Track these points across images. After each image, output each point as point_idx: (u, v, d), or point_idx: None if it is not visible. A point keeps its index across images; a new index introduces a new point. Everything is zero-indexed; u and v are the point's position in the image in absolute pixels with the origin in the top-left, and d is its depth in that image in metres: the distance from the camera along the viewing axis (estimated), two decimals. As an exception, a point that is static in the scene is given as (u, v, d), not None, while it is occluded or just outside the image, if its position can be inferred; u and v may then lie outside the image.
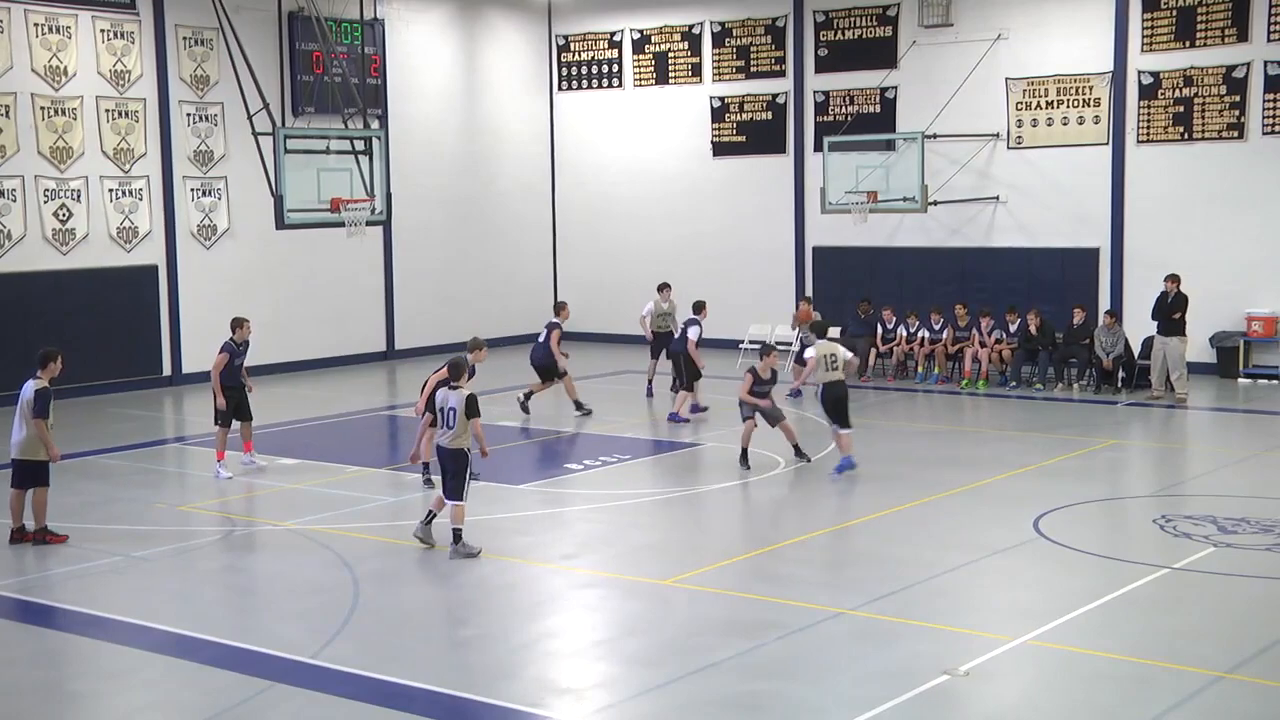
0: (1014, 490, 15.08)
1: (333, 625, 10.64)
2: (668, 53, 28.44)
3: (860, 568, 12.16)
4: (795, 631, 10.33)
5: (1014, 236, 24.66)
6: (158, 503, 15.05)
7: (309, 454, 17.50)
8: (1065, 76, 23.93)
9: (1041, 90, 24.17)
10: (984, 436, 18.82)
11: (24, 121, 21.76)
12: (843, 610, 10.77)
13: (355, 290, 26.52)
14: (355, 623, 10.78)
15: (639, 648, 10.18)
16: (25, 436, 13.23)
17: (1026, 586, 11.65)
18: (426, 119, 27.71)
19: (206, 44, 23.91)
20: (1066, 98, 23.95)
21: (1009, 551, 12.58)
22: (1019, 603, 11.15)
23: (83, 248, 22.60)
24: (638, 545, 13.38)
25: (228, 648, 10.18)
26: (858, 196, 23.41)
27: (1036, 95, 24.23)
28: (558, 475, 16.23)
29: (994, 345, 22.65)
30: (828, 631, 10.37)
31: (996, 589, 11.63)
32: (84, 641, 10.48)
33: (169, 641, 10.41)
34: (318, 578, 12.09)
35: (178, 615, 11.08)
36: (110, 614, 11.02)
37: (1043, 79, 24.13)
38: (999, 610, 11.01)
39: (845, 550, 12.78)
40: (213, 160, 24.19)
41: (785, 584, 11.57)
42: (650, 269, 28.28)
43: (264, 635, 10.47)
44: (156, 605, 11.38)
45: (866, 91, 26.00)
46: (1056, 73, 23.99)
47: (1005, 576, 11.95)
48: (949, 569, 12.02)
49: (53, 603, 11.35)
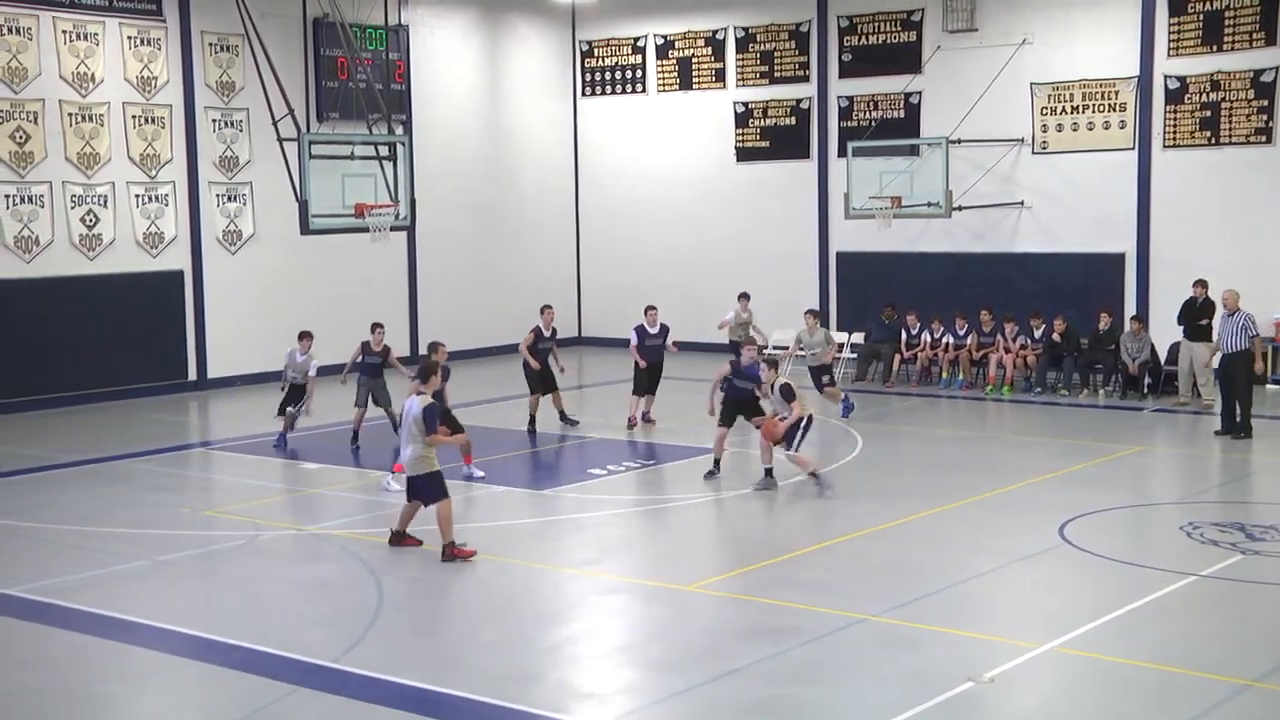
0: (1039, 496, 15.01)
1: (358, 629, 10.66)
2: (691, 58, 28.44)
3: (884, 573, 12.11)
4: (818, 637, 10.30)
5: (1039, 241, 24.56)
6: (182, 507, 15.12)
7: (333, 459, 17.55)
8: (1091, 81, 23.82)
9: (1067, 95, 24.07)
10: (1009, 442, 18.74)
11: (51, 128, 21.92)
12: (866, 616, 10.74)
13: (379, 295, 26.58)
14: (380, 627, 10.80)
15: (661, 653, 10.17)
16: (415, 454, 12.49)
17: (1052, 593, 11.58)
18: (450, 124, 27.78)
19: (232, 50, 24.03)
20: (1092, 102, 23.85)
21: (1034, 558, 12.52)
22: (1044, 609, 11.09)
23: (109, 253, 22.73)
24: (661, 550, 13.37)
25: (252, 651, 10.21)
26: (882, 202, 23.34)
27: (1062, 100, 24.13)
28: (581, 480, 16.22)
29: (1019, 351, 22.55)
30: (851, 637, 10.34)
31: (1021, 595, 11.58)
32: (108, 644, 10.52)
33: (193, 645, 10.45)
34: (341, 582, 12.12)
35: (202, 619, 11.13)
36: (135, 617, 11.07)
37: (1068, 84, 24.03)
38: (1024, 616, 10.95)
39: (868, 556, 12.74)
40: (238, 166, 24.30)
41: (808, 590, 11.53)
42: (673, 274, 28.30)
43: (289, 639, 10.48)
44: (181, 609, 11.43)
45: (891, 96, 25.94)
46: (1082, 77, 23.88)
47: (1030, 583, 11.89)
48: (973, 575, 11.97)
49: (77, 605, 11.40)
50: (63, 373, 21.91)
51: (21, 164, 21.64)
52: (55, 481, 16.52)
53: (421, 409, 12.50)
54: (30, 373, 21.61)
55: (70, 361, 21.96)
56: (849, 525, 13.97)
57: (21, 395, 21.46)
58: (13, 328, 21.42)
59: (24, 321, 21.59)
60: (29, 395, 21.60)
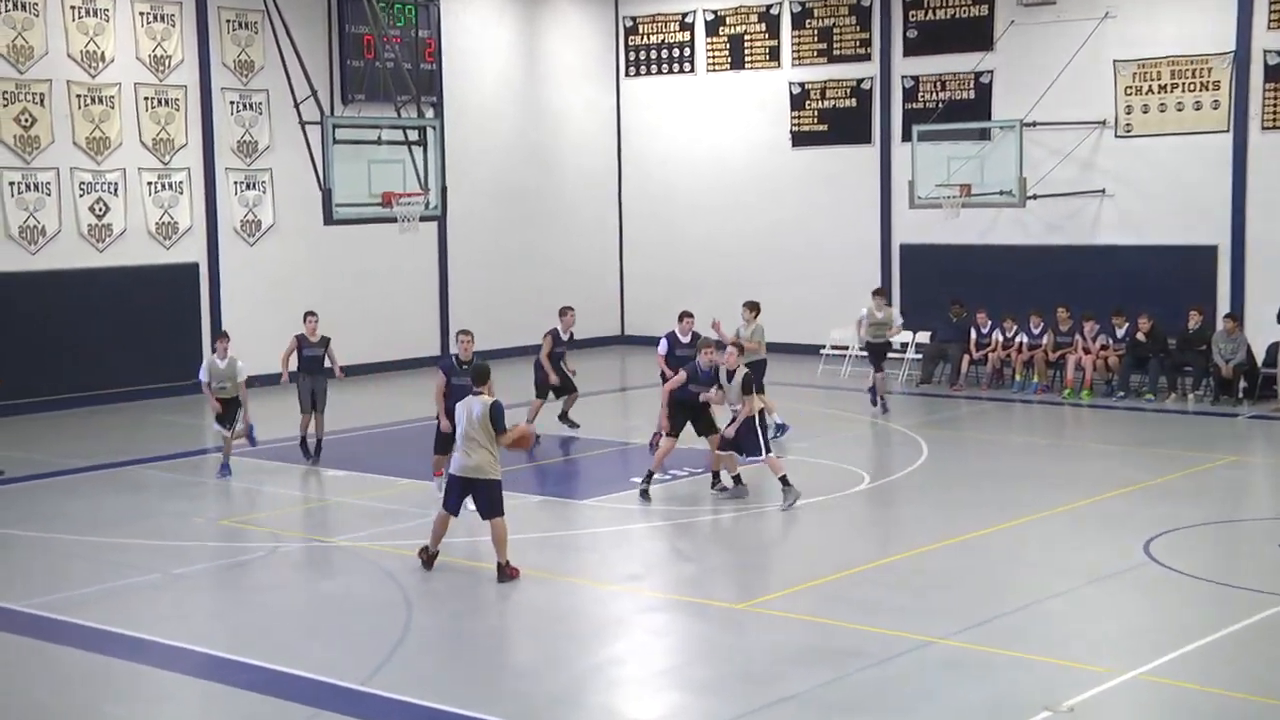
0: (1122, 510, 14.90)
1: (383, 649, 10.72)
2: (743, 35, 28.42)
3: (952, 593, 12.06)
4: (881, 661, 10.27)
5: (1122, 233, 24.38)
6: (197, 516, 15.25)
7: (358, 465, 17.65)
8: (1180, 58, 23.62)
9: (1154, 73, 23.88)
10: (1088, 451, 18.62)
11: (59, 111, 22.15)
12: (933, 639, 10.70)
13: (408, 290, 26.73)
14: (407, 647, 10.85)
15: (710, 677, 10.17)
16: (482, 459, 12.32)
17: (1135, 615, 11.50)
18: (484, 107, 27.88)
19: (251, 28, 24.23)
20: (1182, 81, 23.64)
21: (1116, 577, 12.43)
22: (1127, 633, 11.02)
23: (120, 244, 22.97)
24: (709, 566, 13.37)
25: (270, 672, 10.27)
26: (949, 190, 23.26)
27: (1148, 78, 23.94)
28: (624, 490, 16.23)
29: (1099, 352, 22.40)
30: (916, 662, 10.30)
31: (1102, 618, 11.49)
32: (119, 663, 10.62)
33: (208, 664, 10.54)
34: (367, 598, 12.19)
35: (219, 636, 11.22)
36: (147, 635, 11.16)
37: (1155, 60, 23.84)
38: (1105, 641, 10.87)
39: (936, 574, 12.69)
40: (257, 151, 24.49)
41: (870, 610, 11.51)
42: (722, 267, 28.29)
43: (309, 659, 10.55)
44: (196, 626, 11.53)
45: (960, 76, 25.82)
46: (1170, 53, 23.68)
47: (1112, 604, 11.81)
48: (1050, 595, 11.90)
49: (87, 622, 11.51)
50: (70, 372, 22.15)
51: (27, 149, 21.90)
52: (63, 488, 16.70)
53: (488, 408, 12.27)
54: (35, 372, 21.85)
55: (78, 360, 22.19)
56: (914, 540, 13.91)
57: (26, 396, 21.70)
58: (17, 324, 21.66)
59: (29, 318, 21.82)
60: (34, 396, 21.84)
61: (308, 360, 17.78)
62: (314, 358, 17.80)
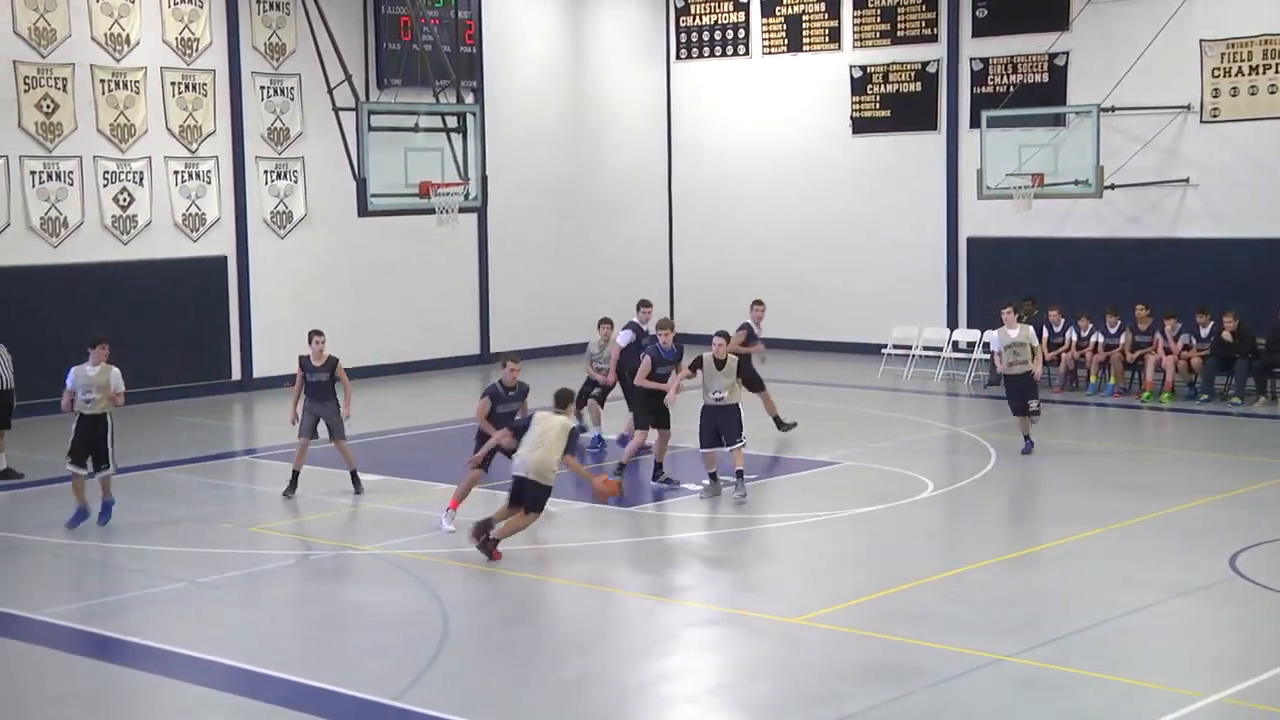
0: (1206, 521, 14.77)
1: (419, 662, 10.76)
2: (801, 15, 28.36)
3: (1023, 608, 11.99)
4: (946, 680, 10.22)
5: (1206, 225, 24.17)
6: (226, 522, 15.36)
7: (394, 470, 17.73)
8: (1273, 37, 23.39)
9: (1244, 53, 23.66)
10: (1169, 458, 18.47)
11: (82, 96, 22.38)
12: (1002, 656, 10.64)
13: (446, 285, 26.83)
14: (444, 659, 10.89)
15: (764, 694, 10.15)
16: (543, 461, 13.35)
17: (1221, 634, 11.39)
18: (527, 92, 27.95)
19: (283, 9, 24.39)
20: (1274, 62, 23.42)
21: (1200, 592, 12.32)
22: (1212, 653, 10.92)
23: (145, 236, 23.17)
24: (763, 577, 13.34)
25: (301, 686, 10.33)
26: (1021, 180, 23.15)
27: (1237, 59, 23.73)
28: (674, 497, 16.23)
29: (1181, 352, 22.22)
30: (984, 681, 10.24)
31: (1185, 636, 11.40)
32: (142, 676, 10.70)
33: (237, 678, 10.60)
34: (402, 608, 12.23)
35: (247, 648, 11.28)
36: (173, 646, 11.24)
37: (1245, 40, 23.62)
38: (1188, 661, 10.78)
39: (1005, 587, 12.62)
40: (288, 139, 24.66)
41: (934, 625, 11.45)
42: (777, 261, 28.26)
43: (342, 672, 10.60)
44: (224, 637, 11.61)
45: (1033, 58, 25.67)
46: (1263, 32, 23.47)
47: (1195, 621, 11.72)
48: (1128, 611, 11.81)
49: (112, 633, 11.62)
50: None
51: (49, 136, 22.14)
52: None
53: (566, 430, 13.54)
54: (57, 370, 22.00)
55: (102, 358, 22.37)
56: (981, 551, 13.84)
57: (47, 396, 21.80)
58: (38, 319, 21.86)
59: (51, 313, 22.05)
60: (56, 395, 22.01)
61: (312, 388, 16.20)
62: (319, 384, 16.18)
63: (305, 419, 16.22)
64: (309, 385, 16.21)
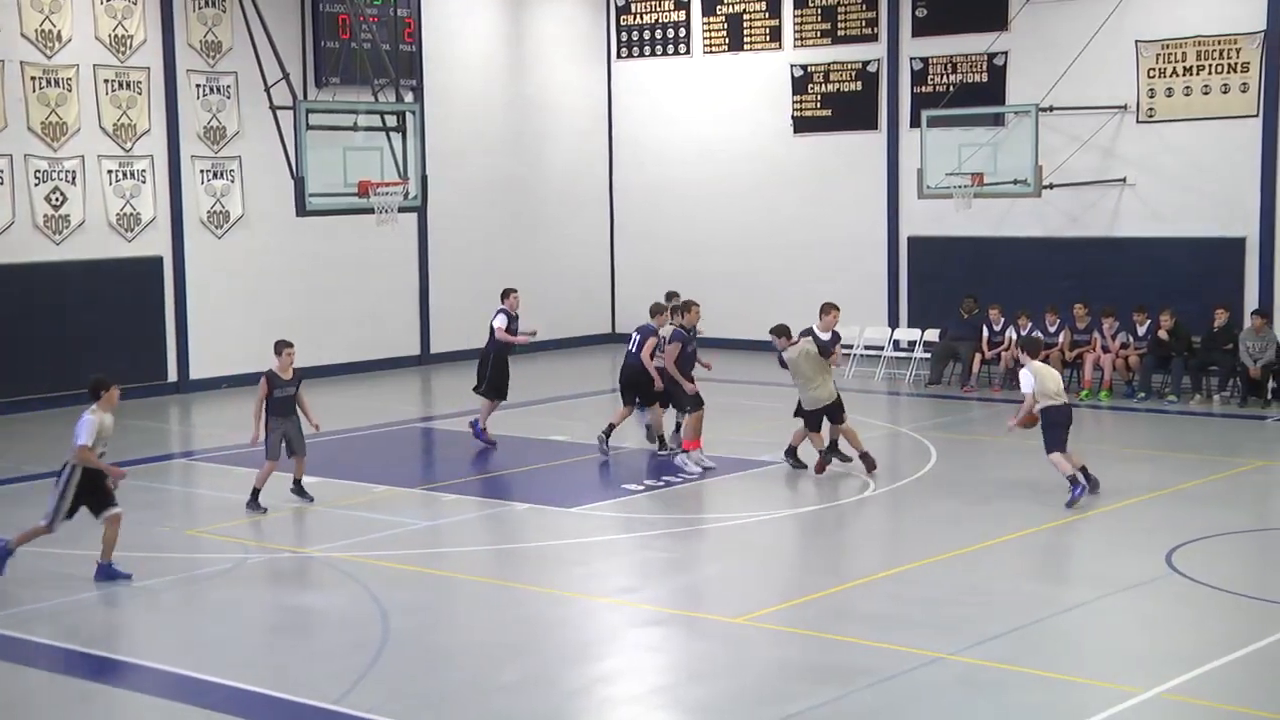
0: (1143, 518, 14.91)
1: (359, 666, 10.71)
2: (742, 14, 28.43)
3: (964, 606, 12.06)
4: (888, 678, 10.27)
5: (1144, 225, 24.39)
6: (162, 526, 15.22)
7: (333, 471, 17.61)
8: (1207, 38, 23.64)
9: (1179, 54, 23.90)
10: (1107, 456, 18.62)
11: (12, 94, 22.11)
12: (943, 655, 10.70)
13: (385, 286, 26.69)
14: (384, 664, 10.83)
15: (707, 695, 10.17)
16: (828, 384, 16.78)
17: (1159, 629, 11.52)
18: (467, 91, 27.88)
19: (219, 6, 24.20)
20: (1209, 63, 23.67)
21: (1138, 589, 12.44)
22: (1150, 649, 11.03)
23: (78, 237, 22.93)
24: (705, 577, 13.36)
25: (239, 691, 10.25)
26: (961, 179, 23.26)
27: (1172, 60, 23.96)
28: (616, 497, 16.23)
29: (1119, 351, 22.42)
30: (926, 679, 10.30)
31: (1123, 632, 11.51)
32: (75, 683, 10.60)
33: (173, 683, 10.50)
34: (341, 612, 12.18)
35: (184, 653, 11.18)
36: (107, 652, 11.16)
37: (1180, 41, 23.86)
38: (1127, 657, 10.89)
39: (946, 586, 12.69)
40: (225, 138, 24.47)
41: (876, 624, 11.51)
42: (719, 261, 28.30)
43: (281, 677, 10.55)
44: (160, 642, 11.52)
45: (972, 58, 25.84)
46: (1197, 33, 23.70)
47: (1133, 618, 11.82)
48: (1067, 608, 11.92)
49: (41, 639, 11.48)
50: (23, 372, 22.08)
51: (-20, 136, 21.88)
52: (14, 497, 16.67)
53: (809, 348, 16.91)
54: (-10, 373, 21.81)
55: (31, 360, 22.10)
56: (922, 550, 13.92)
57: (-21, 398, 21.66)
58: (-30, 322, 21.63)
59: (-18, 315, 21.80)
60: None
61: (279, 403, 15.43)
62: (287, 399, 15.51)
63: (272, 440, 15.38)
64: (277, 401, 15.37)
